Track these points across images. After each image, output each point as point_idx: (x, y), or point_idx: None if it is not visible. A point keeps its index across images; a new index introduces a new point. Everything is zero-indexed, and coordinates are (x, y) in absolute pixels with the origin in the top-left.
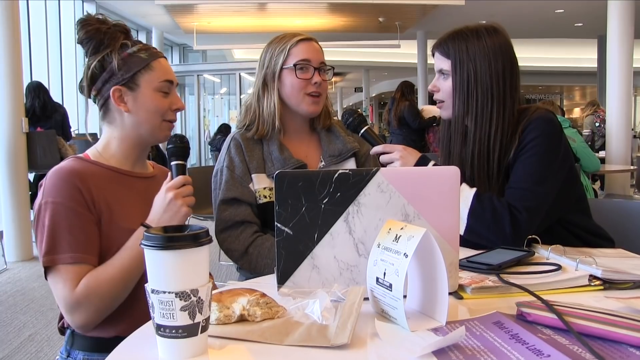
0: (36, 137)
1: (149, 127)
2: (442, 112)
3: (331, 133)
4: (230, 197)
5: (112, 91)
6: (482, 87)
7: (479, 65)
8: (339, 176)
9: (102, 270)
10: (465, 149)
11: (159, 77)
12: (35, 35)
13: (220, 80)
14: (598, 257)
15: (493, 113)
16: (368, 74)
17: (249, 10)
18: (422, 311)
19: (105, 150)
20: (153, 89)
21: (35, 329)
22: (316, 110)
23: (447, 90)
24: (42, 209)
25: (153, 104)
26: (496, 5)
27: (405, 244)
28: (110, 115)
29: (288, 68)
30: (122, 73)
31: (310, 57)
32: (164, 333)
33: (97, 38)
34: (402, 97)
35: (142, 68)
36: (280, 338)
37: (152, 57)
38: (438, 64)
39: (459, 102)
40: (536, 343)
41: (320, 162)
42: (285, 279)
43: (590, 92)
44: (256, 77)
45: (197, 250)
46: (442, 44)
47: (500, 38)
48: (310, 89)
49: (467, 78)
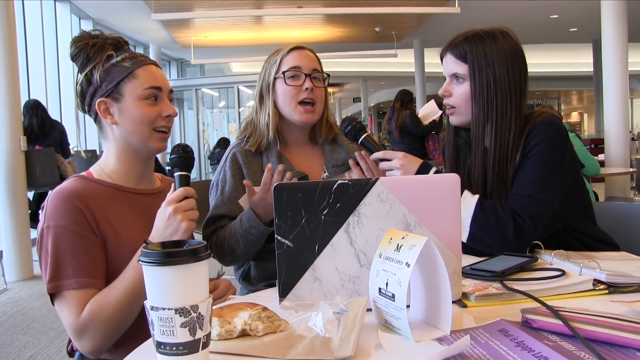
0: (35, 155)
1: (138, 138)
2: (453, 118)
3: (335, 143)
4: (217, 214)
5: (97, 103)
6: (502, 93)
7: (497, 70)
8: (339, 187)
9: (106, 293)
10: (486, 158)
11: (143, 85)
12: (33, 53)
13: (218, 94)
14: (601, 261)
15: (512, 119)
16: (366, 84)
17: (246, 23)
18: (426, 321)
19: (106, 166)
20: (137, 98)
21: (36, 349)
22: (309, 119)
23: (462, 96)
24: (45, 234)
25: (138, 113)
26: (491, 12)
27: (407, 254)
28: (104, 130)
29: (280, 77)
30: (105, 84)
31: (300, 64)
32: (164, 350)
33: (85, 53)
34: (402, 107)
35: (124, 77)
36: (283, 352)
37: (136, 65)
38: (451, 68)
39: (477, 109)
40: (542, 350)
41: (324, 173)
42: (286, 292)
43: (587, 96)
44: (255, 90)
45: (196, 266)
46: (458, 46)
47: (514, 41)
48: (302, 96)
49: (486, 84)
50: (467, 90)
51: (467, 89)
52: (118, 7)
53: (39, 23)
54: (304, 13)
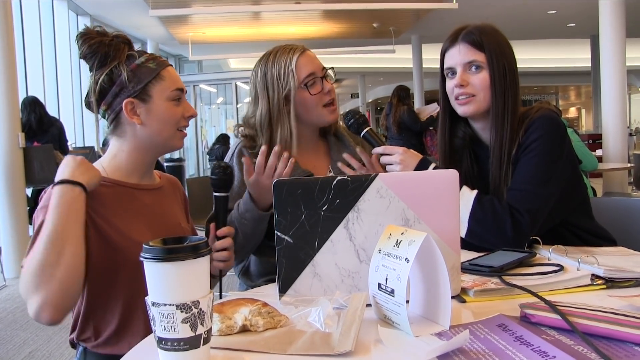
0: (33, 151)
1: (163, 138)
2: (469, 107)
3: (340, 142)
4: None
5: (124, 104)
6: (513, 83)
7: (510, 60)
8: (338, 183)
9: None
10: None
11: (170, 87)
12: (31, 50)
13: (216, 90)
14: (599, 256)
15: (518, 106)
16: (364, 80)
17: (244, 19)
18: (425, 316)
19: (110, 164)
20: (165, 99)
21: (36, 345)
22: (336, 117)
23: (481, 84)
24: (36, 215)
25: (167, 114)
26: (489, 7)
27: (407, 249)
28: (121, 129)
29: (301, 88)
30: (132, 85)
31: (313, 69)
32: (165, 346)
33: (102, 51)
34: (400, 102)
35: (152, 78)
36: (283, 347)
37: (160, 67)
38: (468, 56)
39: (497, 96)
40: (541, 344)
41: (329, 172)
42: (286, 287)
43: (585, 91)
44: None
45: (197, 262)
46: (473, 34)
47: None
48: (325, 99)
49: (503, 71)
50: (486, 77)
51: (486, 76)
52: (116, 4)
53: (36, 19)
54: (301, 9)
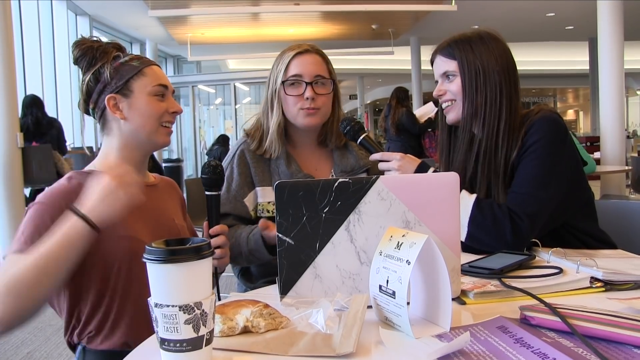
0: (32, 152)
1: (146, 133)
2: (451, 114)
3: (345, 149)
4: (222, 212)
5: (107, 99)
6: (491, 83)
7: (485, 62)
8: (339, 185)
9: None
10: (472, 148)
11: (152, 82)
12: (30, 50)
13: (215, 90)
14: (598, 259)
15: (502, 108)
16: (362, 81)
17: (243, 20)
18: (425, 318)
19: (102, 163)
20: (147, 94)
21: (33, 345)
22: (312, 122)
23: (456, 90)
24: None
25: (149, 108)
26: (488, 9)
27: (408, 251)
28: (108, 126)
29: (282, 85)
30: (115, 81)
31: (302, 71)
32: (168, 347)
33: (90, 54)
34: (398, 104)
35: (134, 74)
36: (284, 349)
37: (143, 64)
38: (442, 68)
39: (467, 101)
40: (541, 346)
41: (332, 177)
42: (287, 289)
43: (583, 94)
44: (264, 92)
45: (199, 263)
46: (445, 47)
47: (501, 43)
48: (304, 105)
49: (475, 75)
50: (459, 84)
51: (459, 82)
52: (115, 4)
53: (35, 20)
54: (300, 10)
